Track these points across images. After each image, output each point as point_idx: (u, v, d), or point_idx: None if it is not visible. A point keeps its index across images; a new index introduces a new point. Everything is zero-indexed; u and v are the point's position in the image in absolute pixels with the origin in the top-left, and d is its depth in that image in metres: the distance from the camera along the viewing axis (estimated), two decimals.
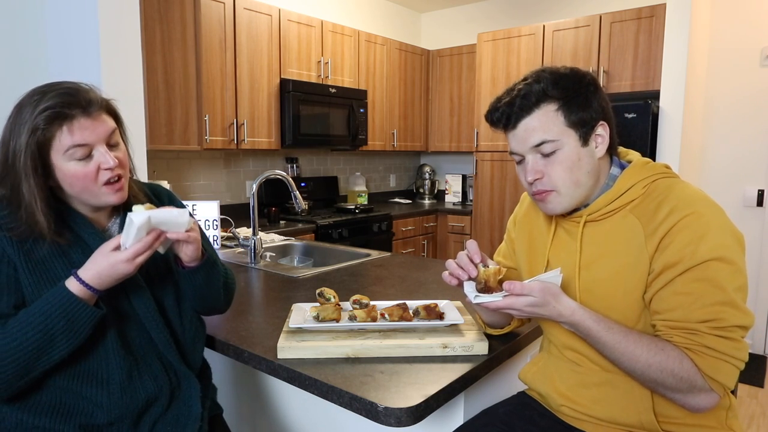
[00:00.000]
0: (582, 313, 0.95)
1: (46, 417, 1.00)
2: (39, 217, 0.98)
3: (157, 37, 2.70)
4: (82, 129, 0.99)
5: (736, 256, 0.91)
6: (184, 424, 1.11)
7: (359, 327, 1.22)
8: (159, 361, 1.11)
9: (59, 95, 0.99)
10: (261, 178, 2.08)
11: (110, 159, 1.01)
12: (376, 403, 0.93)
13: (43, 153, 0.98)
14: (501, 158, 4.01)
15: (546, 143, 0.98)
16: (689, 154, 3.27)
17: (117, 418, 1.04)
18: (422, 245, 4.32)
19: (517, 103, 0.99)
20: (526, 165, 1.03)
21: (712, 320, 0.89)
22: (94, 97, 1.02)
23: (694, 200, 0.94)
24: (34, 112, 0.97)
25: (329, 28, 3.73)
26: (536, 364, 1.19)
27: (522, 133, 1.00)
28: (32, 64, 2.36)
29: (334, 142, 3.75)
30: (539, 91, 0.98)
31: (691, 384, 0.89)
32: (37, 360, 0.93)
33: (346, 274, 1.91)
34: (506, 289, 0.95)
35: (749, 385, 2.96)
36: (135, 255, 0.96)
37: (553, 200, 1.02)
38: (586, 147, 1.00)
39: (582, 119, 0.99)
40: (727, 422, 1.01)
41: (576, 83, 0.99)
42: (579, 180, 1.00)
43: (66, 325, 0.94)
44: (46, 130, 0.97)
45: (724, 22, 3.41)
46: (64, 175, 1.00)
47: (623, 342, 0.93)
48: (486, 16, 4.68)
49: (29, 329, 0.92)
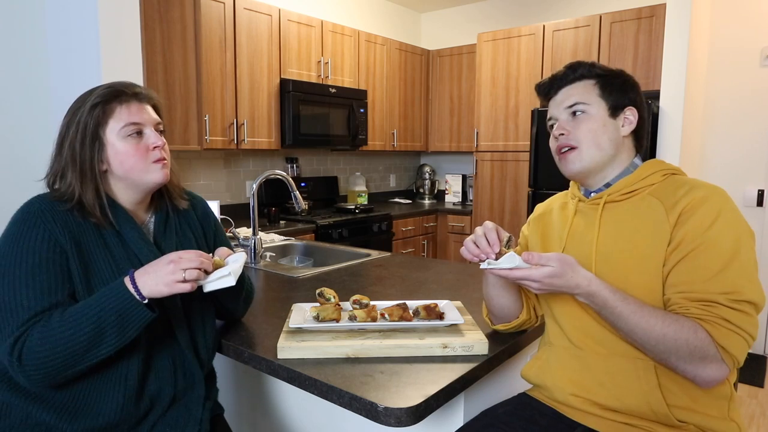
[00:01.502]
0: (598, 283, 0.97)
1: (54, 413, 1.01)
2: (88, 201, 1.05)
3: (157, 37, 2.70)
4: (136, 110, 1.10)
5: (752, 241, 0.97)
6: (184, 426, 1.11)
7: (359, 327, 1.22)
8: (171, 362, 1.13)
9: (113, 85, 1.11)
10: (261, 178, 2.08)
11: (159, 138, 1.12)
12: (376, 403, 0.93)
13: (99, 131, 1.07)
14: (501, 158, 4.01)
15: (578, 104, 1.12)
16: (689, 154, 3.27)
17: (122, 419, 1.05)
18: (422, 245, 4.32)
19: (563, 74, 1.16)
20: (557, 124, 1.15)
21: (730, 292, 0.92)
22: (145, 91, 1.15)
23: (712, 185, 1.02)
24: (92, 95, 1.08)
25: (329, 28, 3.73)
26: (539, 359, 1.19)
27: (561, 97, 1.15)
28: (32, 64, 2.36)
29: (334, 142, 3.75)
30: (585, 68, 1.14)
31: (704, 353, 0.91)
32: (86, 353, 0.95)
33: (346, 274, 1.91)
34: (525, 259, 0.97)
35: (749, 385, 2.96)
36: (182, 256, 0.98)
37: (573, 158, 1.12)
38: (613, 119, 1.12)
39: (614, 97, 1.12)
40: (730, 414, 1.02)
41: (617, 74, 1.14)
42: (600, 142, 1.10)
43: (117, 321, 0.95)
44: (106, 105, 1.07)
45: (724, 22, 3.41)
46: (116, 153, 1.08)
47: (638, 312, 0.95)
48: (486, 16, 4.68)
49: (84, 320, 0.94)
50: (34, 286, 0.97)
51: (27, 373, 0.94)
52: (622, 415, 1.03)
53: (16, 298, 0.96)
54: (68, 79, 2.30)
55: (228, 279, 1.03)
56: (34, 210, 1.03)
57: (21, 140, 2.33)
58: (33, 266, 0.98)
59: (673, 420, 0.99)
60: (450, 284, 1.74)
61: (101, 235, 1.08)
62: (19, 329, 0.94)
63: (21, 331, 0.94)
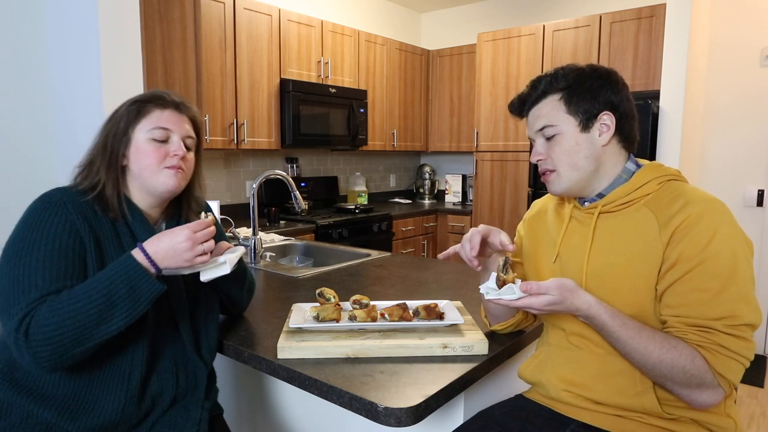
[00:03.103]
0: (598, 307, 0.97)
1: (55, 411, 1.01)
2: (108, 191, 1.09)
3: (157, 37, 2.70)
4: (169, 116, 1.14)
5: (749, 255, 0.96)
6: (182, 426, 1.11)
7: (359, 327, 1.22)
8: (173, 363, 1.13)
9: (158, 91, 1.18)
10: (261, 178, 2.08)
11: (181, 148, 1.14)
12: (376, 403, 0.93)
13: (130, 127, 1.12)
14: (501, 158, 4.01)
15: (547, 127, 1.09)
16: (689, 154, 3.27)
17: (123, 418, 1.05)
18: (422, 245, 4.32)
19: (527, 93, 1.13)
20: (534, 148, 1.14)
21: (728, 317, 0.92)
22: (187, 104, 1.20)
23: (708, 199, 0.99)
24: (136, 97, 1.15)
25: (329, 28, 3.73)
26: (537, 358, 1.20)
27: (531, 119, 1.13)
28: (32, 65, 2.35)
29: (334, 142, 3.74)
30: (546, 83, 1.10)
31: (701, 381, 0.92)
32: (96, 327, 0.94)
33: (346, 274, 1.91)
34: (523, 290, 0.97)
35: (749, 385, 2.96)
36: (195, 230, 1.02)
37: (554, 180, 1.11)
38: (586, 133, 1.07)
39: (583, 108, 1.07)
40: (726, 410, 1.02)
41: (584, 76, 1.08)
42: (576, 163, 1.07)
43: (128, 292, 0.96)
44: (143, 104, 1.13)
45: (724, 22, 3.41)
46: (136, 150, 1.11)
47: (636, 338, 0.95)
48: (486, 16, 4.68)
49: (93, 292, 0.94)
50: (50, 267, 0.98)
51: (33, 350, 0.91)
52: (614, 408, 1.04)
53: (30, 277, 0.96)
54: (68, 79, 2.30)
55: (224, 267, 1.08)
56: (55, 199, 1.04)
57: (21, 140, 2.33)
58: (51, 250, 0.99)
59: (665, 416, 0.99)
60: (450, 284, 1.74)
61: (117, 233, 1.10)
62: (28, 306, 0.94)
63: (30, 308, 0.93)
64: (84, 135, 2.25)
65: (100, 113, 2.15)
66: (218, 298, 1.30)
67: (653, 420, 1.01)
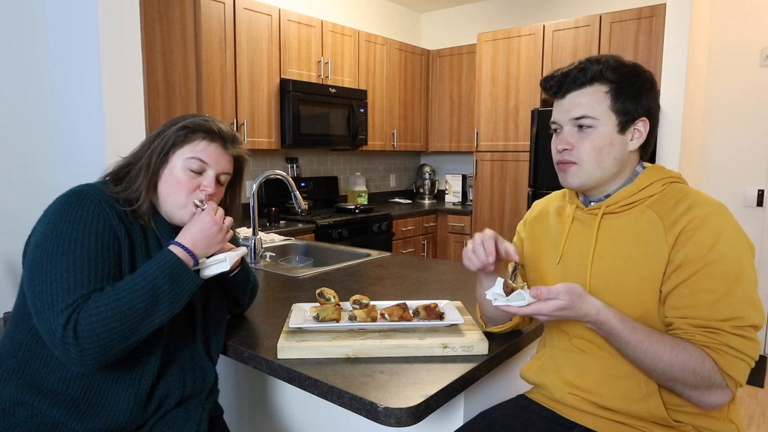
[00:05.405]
0: (607, 312, 0.96)
1: (64, 410, 1.00)
2: (144, 207, 1.09)
3: (157, 37, 2.70)
4: (212, 151, 1.13)
5: (752, 257, 0.96)
6: (182, 426, 1.11)
7: (359, 327, 1.22)
8: (180, 366, 1.14)
9: (212, 121, 1.16)
10: (261, 178, 2.08)
11: (213, 185, 1.13)
12: (376, 403, 0.93)
13: (171, 150, 1.12)
14: (501, 158, 4.01)
15: (585, 118, 1.03)
16: (689, 153, 3.27)
17: (130, 421, 1.05)
18: (422, 245, 4.31)
19: (572, 75, 1.04)
20: (561, 135, 1.08)
21: (734, 318, 0.92)
22: (236, 142, 1.19)
23: (712, 201, 0.99)
24: (193, 117, 1.15)
25: (329, 28, 3.73)
26: (539, 359, 1.19)
27: (568, 103, 1.06)
28: (32, 64, 2.35)
29: (334, 142, 3.74)
30: (597, 70, 1.03)
31: (710, 382, 0.92)
32: (141, 322, 0.96)
33: (346, 274, 1.91)
34: (534, 295, 0.95)
35: (749, 385, 2.96)
36: (213, 213, 1.08)
37: (574, 173, 1.07)
38: (621, 135, 1.04)
39: (626, 108, 1.03)
40: (729, 415, 1.02)
41: (634, 75, 1.04)
42: (603, 162, 1.04)
43: (170, 287, 0.99)
44: (191, 132, 1.12)
45: (724, 22, 3.41)
46: (170, 174, 1.11)
47: (646, 341, 0.94)
48: (486, 16, 4.67)
49: (138, 288, 0.96)
50: (93, 264, 0.98)
51: (82, 347, 0.91)
52: (619, 415, 1.03)
53: (75, 274, 0.96)
54: (68, 79, 2.30)
55: (224, 264, 1.12)
56: (87, 194, 1.04)
57: (21, 140, 2.33)
58: (92, 247, 0.99)
59: (670, 422, 0.99)
60: (450, 284, 1.74)
61: (145, 237, 1.11)
62: (74, 303, 0.93)
63: (74, 307, 0.93)
64: (83, 134, 2.27)
65: (100, 113, 2.15)
66: (225, 300, 1.30)
67: (657, 429, 1.00)
